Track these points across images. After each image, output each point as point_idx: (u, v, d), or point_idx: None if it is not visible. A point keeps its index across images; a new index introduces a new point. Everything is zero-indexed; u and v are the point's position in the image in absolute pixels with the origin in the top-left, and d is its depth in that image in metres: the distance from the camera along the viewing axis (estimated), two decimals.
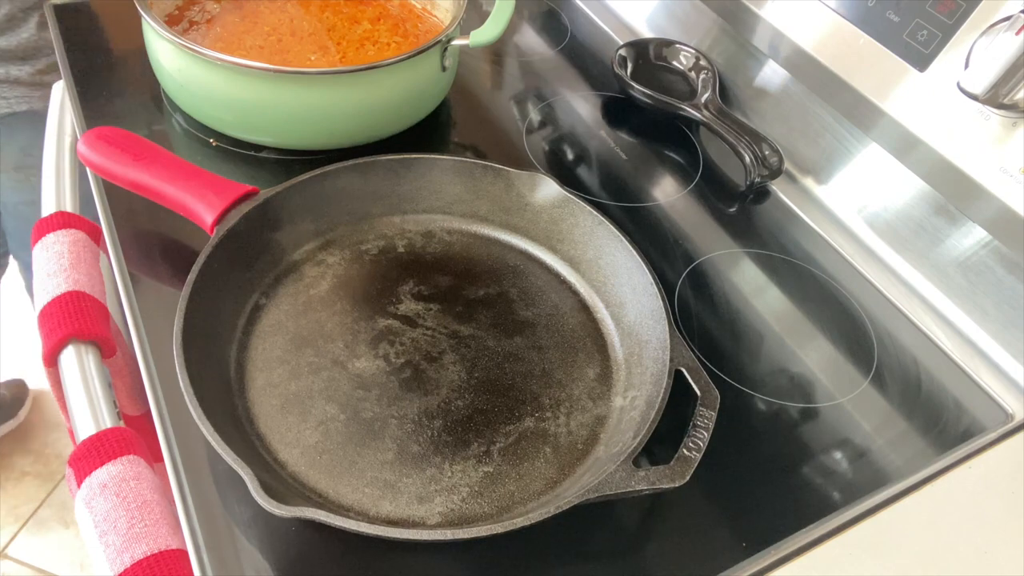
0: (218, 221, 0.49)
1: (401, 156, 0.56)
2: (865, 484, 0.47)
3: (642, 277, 0.50)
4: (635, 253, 0.51)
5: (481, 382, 0.48)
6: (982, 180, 0.52)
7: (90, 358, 0.49)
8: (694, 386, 0.44)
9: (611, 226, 0.53)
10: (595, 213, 0.54)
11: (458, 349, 0.50)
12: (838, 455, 0.49)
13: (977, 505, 0.47)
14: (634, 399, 0.47)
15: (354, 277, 0.53)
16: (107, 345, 0.50)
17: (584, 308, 0.54)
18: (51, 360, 0.49)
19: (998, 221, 0.53)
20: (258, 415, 0.45)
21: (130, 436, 0.46)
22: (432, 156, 0.56)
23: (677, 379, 0.44)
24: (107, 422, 0.47)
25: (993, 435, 0.51)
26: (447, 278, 0.54)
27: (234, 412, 0.44)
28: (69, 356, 0.49)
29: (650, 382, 0.46)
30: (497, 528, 0.38)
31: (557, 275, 0.56)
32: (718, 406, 0.43)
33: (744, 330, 0.56)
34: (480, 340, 0.51)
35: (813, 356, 0.55)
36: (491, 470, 0.44)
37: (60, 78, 0.68)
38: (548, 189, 0.55)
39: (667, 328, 0.47)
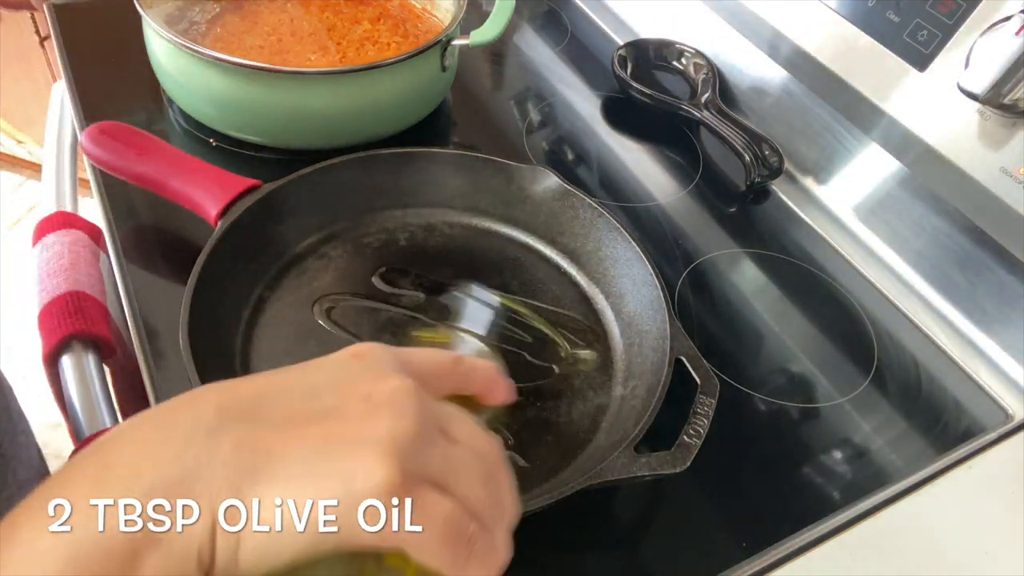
0: (222, 214, 0.49)
1: (402, 150, 0.56)
2: (865, 484, 0.47)
3: (641, 268, 0.51)
4: (634, 244, 0.51)
5: None
6: (982, 180, 0.52)
7: (90, 358, 0.49)
8: (694, 374, 0.44)
9: (610, 218, 0.53)
10: (595, 205, 0.54)
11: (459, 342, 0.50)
12: (838, 455, 0.49)
13: (977, 505, 0.47)
14: (635, 388, 0.47)
15: (357, 270, 0.53)
16: (107, 345, 0.50)
17: (584, 299, 0.54)
18: (51, 360, 0.49)
19: (998, 221, 0.53)
20: None
21: None
22: (433, 150, 0.57)
23: (677, 370, 0.45)
24: (107, 422, 0.47)
25: (993, 435, 0.51)
26: (449, 271, 0.54)
27: None
28: (69, 356, 0.49)
29: (650, 371, 0.46)
30: None
31: (557, 267, 0.56)
32: (718, 394, 0.43)
33: (744, 330, 0.56)
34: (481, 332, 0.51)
35: (813, 356, 0.55)
36: None
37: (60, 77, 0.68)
38: (548, 182, 0.55)
39: (667, 318, 0.47)
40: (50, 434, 1.39)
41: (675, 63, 0.76)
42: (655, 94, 0.72)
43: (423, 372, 0.26)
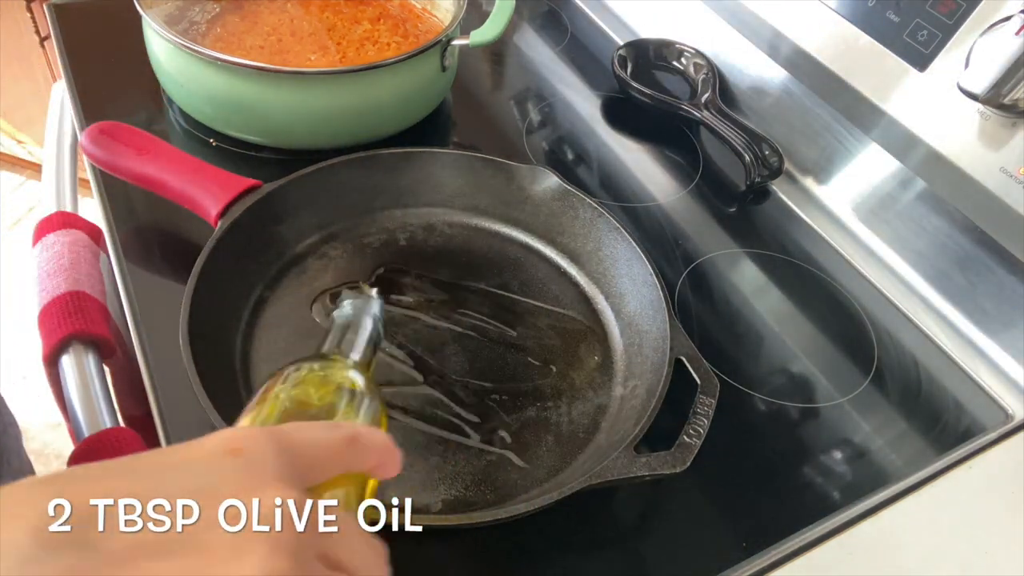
0: (222, 214, 0.49)
1: (402, 150, 0.56)
2: (865, 484, 0.47)
3: (641, 268, 0.51)
4: (634, 244, 0.52)
5: (483, 372, 0.48)
6: (982, 180, 0.52)
7: (90, 358, 0.49)
8: (694, 374, 0.44)
9: (610, 218, 0.53)
10: (595, 205, 0.54)
11: (460, 340, 0.50)
12: (838, 455, 0.49)
13: (977, 505, 0.47)
14: (635, 388, 0.47)
15: (356, 270, 0.53)
16: (107, 345, 0.50)
17: (584, 299, 0.54)
18: (51, 360, 0.49)
19: (998, 221, 0.53)
20: None
21: (130, 436, 0.46)
22: (433, 150, 0.57)
23: (677, 370, 0.45)
24: (107, 422, 0.47)
25: (993, 435, 0.51)
26: (448, 271, 0.54)
27: (240, 403, 0.44)
28: (69, 356, 0.49)
29: (650, 371, 0.47)
30: (501, 514, 0.38)
31: (557, 267, 0.56)
32: (718, 394, 0.43)
33: (744, 330, 0.56)
34: (481, 331, 0.51)
35: (813, 356, 0.55)
36: (494, 459, 0.44)
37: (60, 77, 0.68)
38: (548, 182, 0.55)
39: (667, 318, 0.47)
40: (50, 434, 1.39)
41: (675, 63, 0.76)
42: (655, 94, 0.72)
43: (311, 460, 0.23)
